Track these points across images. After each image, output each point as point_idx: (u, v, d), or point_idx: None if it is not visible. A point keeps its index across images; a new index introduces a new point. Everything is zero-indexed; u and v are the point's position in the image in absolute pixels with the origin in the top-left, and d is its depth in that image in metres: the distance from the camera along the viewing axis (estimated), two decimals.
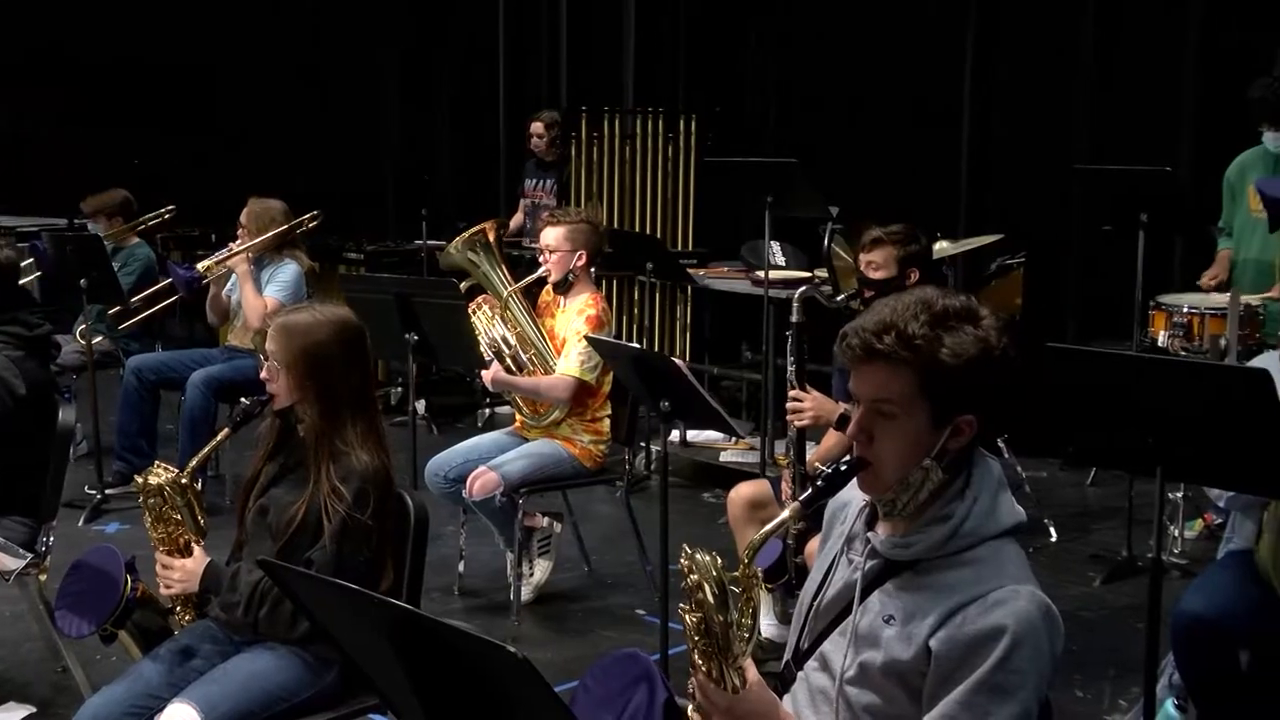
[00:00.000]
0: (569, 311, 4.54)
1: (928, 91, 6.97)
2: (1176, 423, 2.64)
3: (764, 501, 3.93)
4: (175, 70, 10.15)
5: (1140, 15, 6.28)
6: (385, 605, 1.61)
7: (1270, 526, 2.91)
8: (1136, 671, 2.95)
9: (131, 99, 10.15)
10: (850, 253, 4.84)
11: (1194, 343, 4.91)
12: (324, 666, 2.74)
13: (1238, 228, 5.11)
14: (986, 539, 1.95)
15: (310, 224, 5.65)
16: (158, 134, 9.86)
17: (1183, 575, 4.59)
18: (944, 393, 1.91)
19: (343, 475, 2.73)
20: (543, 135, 7.34)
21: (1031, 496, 5.37)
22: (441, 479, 4.45)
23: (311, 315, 2.82)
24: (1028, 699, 1.85)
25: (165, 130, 9.87)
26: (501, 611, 4.52)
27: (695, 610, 1.85)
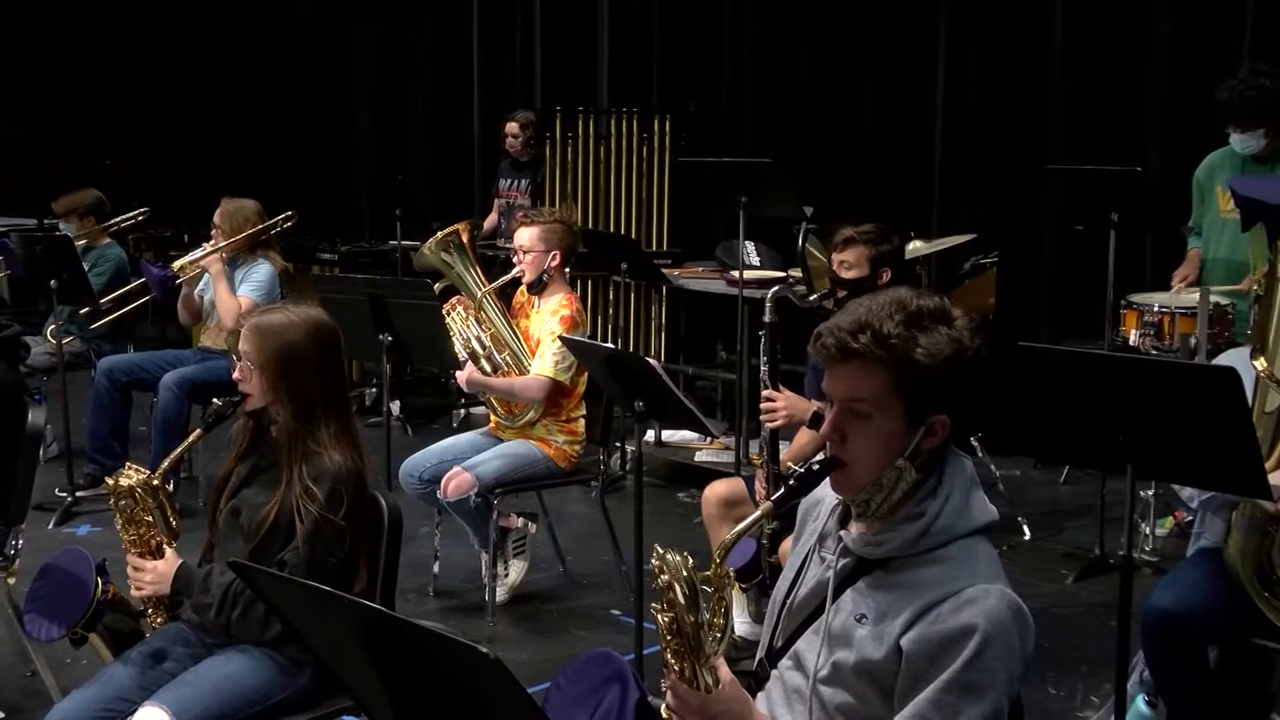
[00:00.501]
0: (543, 312, 4.54)
1: (901, 92, 6.99)
2: (1146, 421, 2.66)
3: (738, 500, 3.94)
4: (149, 70, 10.10)
5: (1110, 17, 6.33)
6: (357, 606, 1.61)
7: (1239, 524, 2.93)
8: (1109, 668, 2.97)
9: (104, 98, 10.09)
10: (824, 252, 4.86)
11: (1165, 342, 4.94)
12: (297, 668, 2.73)
13: (1207, 227, 5.14)
14: (958, 537, 1.96)
15: (284, 224, 5.63)
16: (130, 133, 9.81)
17: (1154, 572, 4.62)
18: (918, 393, 1.92)
19: (315, 476, 2.72)
20: (517, 135, 7.33)
21: (1005, 495, 5.40)
22: (416, 480, 4.44)
23: (285, 316, 2.81)
24: (998, 697, 1.86)
25: (138, 130, 9.82)
26: (476, 612, 4.51)
27: (667, 610, 1.85)
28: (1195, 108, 5.34)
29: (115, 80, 10.08)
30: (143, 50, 9.99)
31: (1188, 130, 5.74)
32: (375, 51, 9.52)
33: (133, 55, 10.03)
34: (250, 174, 7.59)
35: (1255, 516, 2.89)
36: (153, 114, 10.01)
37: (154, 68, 10.05)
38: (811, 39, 7.34)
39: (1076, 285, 6.19)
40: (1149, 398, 2.66)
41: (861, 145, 7.03)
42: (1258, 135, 4.80)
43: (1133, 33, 6.22)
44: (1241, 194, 3.03)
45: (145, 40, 9.95)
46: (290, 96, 9.58)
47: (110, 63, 10.06)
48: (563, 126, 7.04)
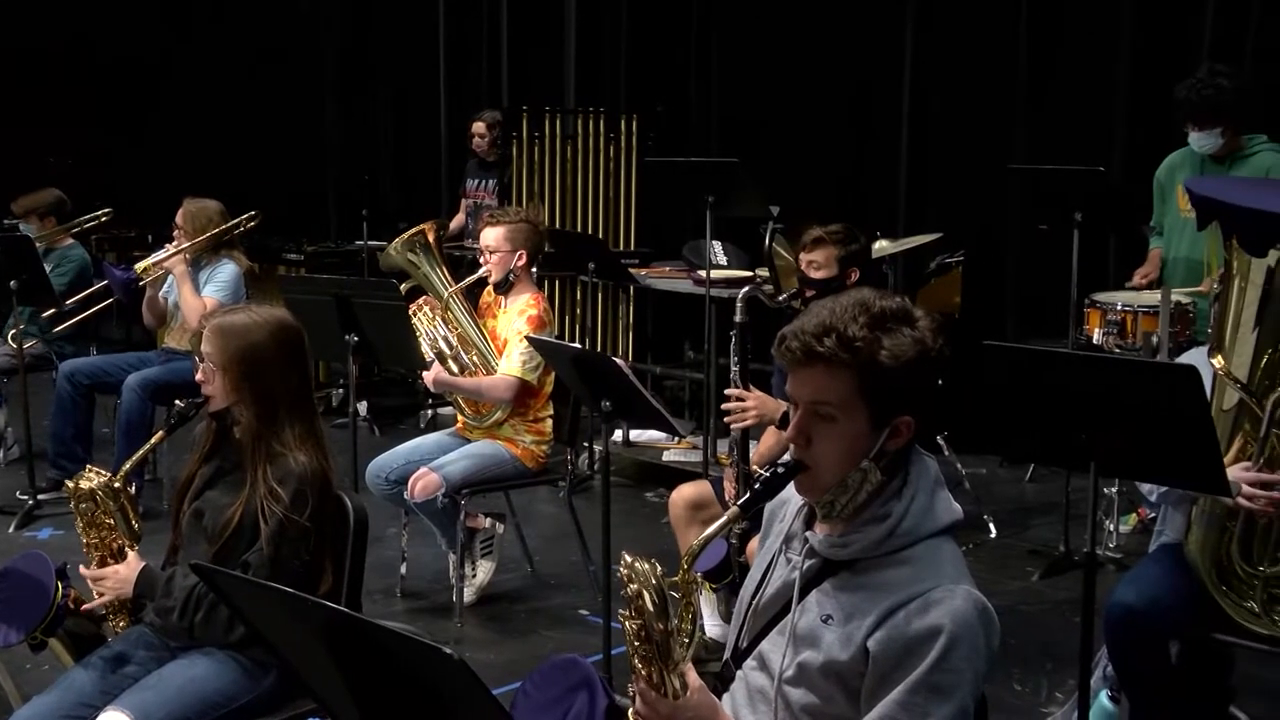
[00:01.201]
0: (510, 312, 4.53)
1: (867, 93, 7.02)
2: (1108, 418, 2.68)
3: (705, 503, 3.95)
4: (111, 67, 10.00)
5: (1073, 20, 6.38)
6: (320, 608, 1.60)
7: (1199, 520, 2.96)
8: (1073, 664, 2.99)
9: (65, 96, 9.98)
10: (791, 252, 4.87)
11: (1128, 340, 4.98)
12: (262, 671, 2.71)
13: (1168, 227, 5.19)
14: (924, 538, 1.96)
15: (248, 224, 5.59)
16: (93, 133, 9.71)
17: (1118, 569, 4.66)
18: (883, 394, 1.92)
19: (280, 477, 2.71)
20: (484, 135, 7.32)
21: (971, 493, 5.43)
22: (383, 480, 4.42)
23: (248, 316, 2.80)
24: (965, 697, 1.86)
25: (100, 129, 9.73)
26: (444, 613, 4.50)
27: (635, 617, 1.85)
28: (1157, 108, 5.39)
29: (77, 78, 9.98)
30: (105, 47, 9.89)
31: (1150, 131, 5.79)
32: (341, 50, 9.47)
33: (95, 53, 9.93)
34: (215, 174, 7.53)
35: (1215, 512, 2.93)
36: (116, 113, 9.91)
37: (116, 65, 9.95)
38: (778, 39, 7.35)
39: (1041, 284, 6.24)
40: (1110, 396, 2.68)
41: (828, 145, 7.06)
42: (1215, 134, 4.85)
43: (1096, 35, 6.28)
44: (1197, 194, 3.06)
45: (107, 37, 9.86)
46: (255, 95, 9.50)
47: (72, 60, 9.96)
48: (529, 126, 7.03)
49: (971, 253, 5.90)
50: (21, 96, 9.94)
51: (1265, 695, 3.57)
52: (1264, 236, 2.86)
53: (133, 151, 9.83)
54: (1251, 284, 2.88)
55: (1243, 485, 2.79)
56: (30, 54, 9.96)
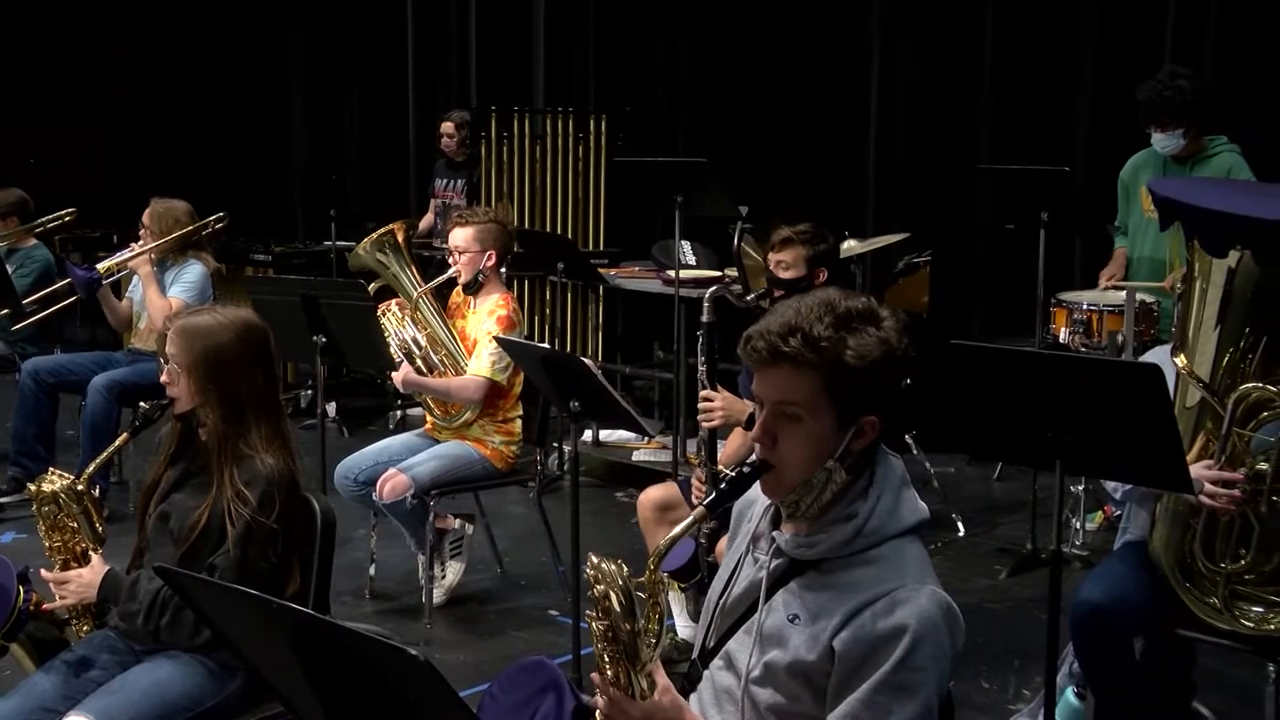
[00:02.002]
0: (479, 312, 4.53)
1: (835, 93, 7.05)
2: (1073, 417, 2.70)
3: (673, 504, 3.95)
4: (77, 65, 9.89)
5: (1038, 22, 6.43)
6: (285, 610, 1.59)
7: (1163, 517, 2.99)
8: (1040, 661, 3.01)
9: (29, 94, 9.87)
10: (760, 252, 4.88)
11: (1093, 339, 5.03)
12: (228, 674, 2.69)
13: (1132, 227, 5.24)
14: (889, 538, 1.97)
15: (216, 225, 5.55)
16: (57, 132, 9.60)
17: (1084, 566, 4.69)
18: (848, 394, 1.92)
19: (247, 479, 2.69)
20: (453, 135, 7.30)
21: (939, 492, 5.46)
22: (351, 482, 4.41)
23: (213, 317, 2.78)
24: (929, 696, 1.87)
25: (65, 128, 9.62)
26: (413, 614, 4.49)
27: (602, 618, 1.85)
28: (1121, 109, 5.44)
29: (41, 76, 9.87)
30: (71, 45, 9.78)
31: (1114, 131, 5.84)
32: (309, 49, 9.42)
33: (60, 50, 9.82)
34: (182, 174, 7.48)
35: (1178, 509, 2.95)
36: (81, 111, 9.81)
37: (82, 63, 9.84)
38: (746, 39, 7.38)
39: (1008, 283, 6.29)
40: (1075, 394, 2.71)
41: (796, 145, 7.08)
42: (1176, 135, 4.90)
43: (1060, 37, 6.33)
44: (1159, 194, 3.08)
45: (73, 34, 9.75)
46: (223, 95, 9.45)
47: (36, 57, 9.84)
48: (498, 126, 7.02)
49: (939, 252, 5.94)
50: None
51: (1227, 690, 3.61)
52: (1224, 237, 2.88)
53: (98, 151, 9.73)
54: (1213, 284, 2.91)
55: (1205, 483, 2.82)
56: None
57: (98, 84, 9.92)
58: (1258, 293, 2.87)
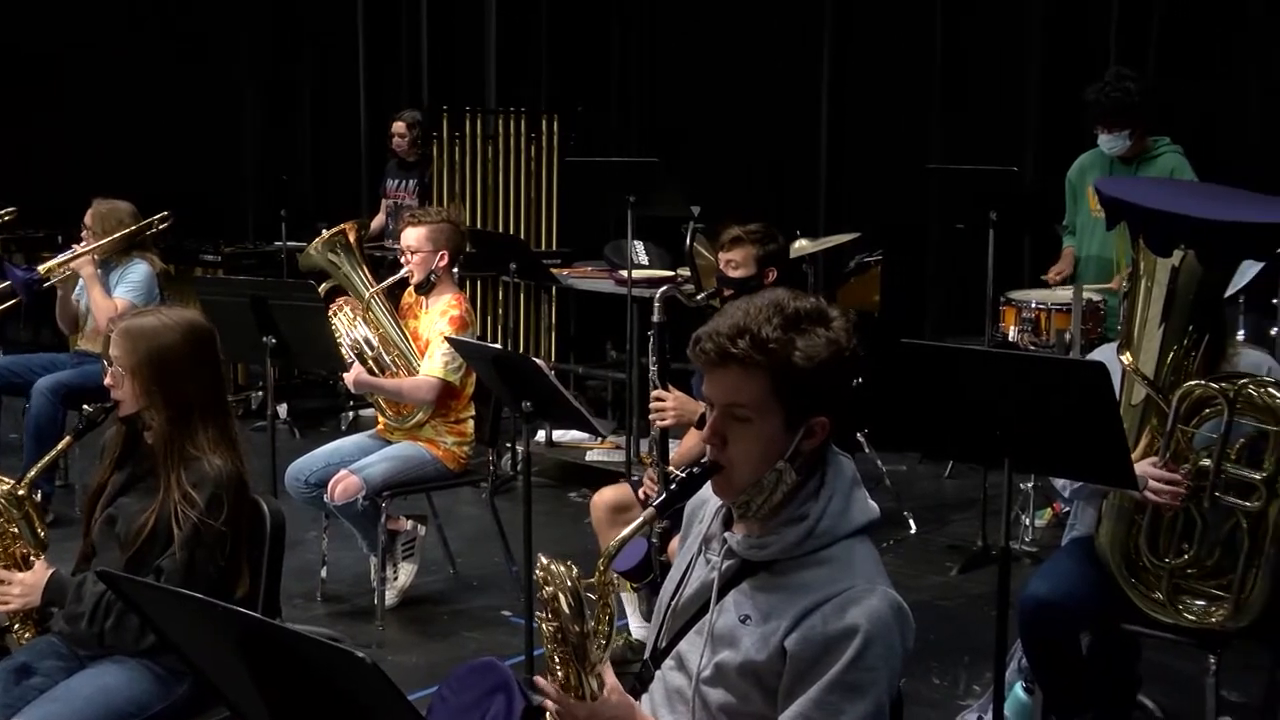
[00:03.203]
0: (432, 313, 4.51)
1: (787, 93, 7.08)
2: (1020, 415, 2.73)
3: (626, 505, 3.95)
4: (16, 59, 9.72)
5: (986, 23, 6.50)
6: (231, 613, 1.58)
7: (1109, 514, 3.02)
8: (991, 657, 3.03)
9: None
10: (712, 251, 4.89)
11: (1042, 337, 5.08)
12: (175, 678, 2.66)
13: (1079, 226, 5.30)
14: (840, 538, 1.97)
15: (160, 225, 5.49)
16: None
17: (1033, 562, 4.73)
18: (797, 395, 1.92)
19: (195, 481, 2.67)
20: (404, 135, 7.26)
21: (891, 490, 5.49)
22: (302, 483, 4.38)
23: (157, 318, 2.75)
24: (880, 695, 1.88)
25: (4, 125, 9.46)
26: (365, 616, 4.46)
27: (552, 619, 1.85)
28: (1068, 110, 5.50)
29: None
30: (9, 38, 9.61)
31: (1061, 132, 5.90)
32: (258, 47, 9.33)
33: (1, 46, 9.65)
34: (128, 173, 7.37)
35: (1123, 506, 2.99)
36: (21, 107, 9.63)
37: (22, 57, 9.67)
38: (698, 39, 7.40)
39: (958, 282, 6.34)
40: (1021, 392, 2.73)
41: (748, 145, 7.10)
42: (1123, 136, 4.97)
43: (1008, 39, 6.40)
44: (1105, 194, 3.12)
45: (13, 31, 9.58)
46: (170, 93, 9.31)
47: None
48: (450, 126, 7.00)
49: (890, 252, 5.98)
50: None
51: (1170, 682, 3.66)
52: (1168, 236, 2.92)
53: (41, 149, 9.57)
54: (1157, 283, 2.95)
55: (1149, 479, 2.86)
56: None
57: (39, 80, 9.75)
58: (1200, 292, 2.92)
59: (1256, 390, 2.83)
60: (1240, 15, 5.78)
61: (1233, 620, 2.90)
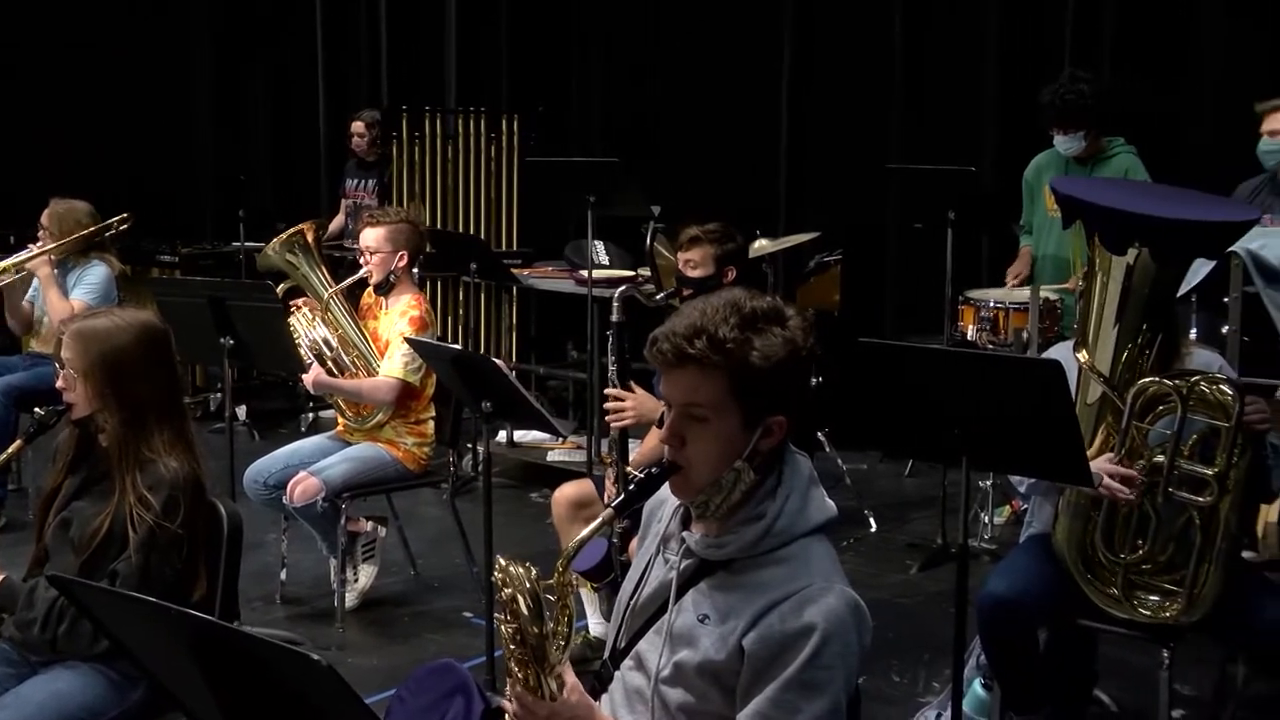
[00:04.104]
0: (392, 313, 4.49)
1: (747, 93, 7.10)
2: (978, 413, 2.75)
3: (588, 501, 3.95)
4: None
5: (945, 25, 6.54)
6: (183, 617, 1.56)
7: (1066, 510, 3.05)
8: (950, 654, 3.05)
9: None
10: (672, 251, 4.89)
11: (1000, 336, 5.12)
12: (129, 684, 2.64)
13: (1036, 225, 5.35)
14: (798, 537, 1.98)
15: (119, 226, 5.43)
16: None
17: (992, 560, 4.77)
18: (755, 395, 1.93)
19: (150, 483, 2.64)
20: (363, 135, 7.23)
21: (852, 489, 5.52)
22: (261, 485, 4.35)
23: (110, 320, 2.72)
24: (837, 693, 1.89)
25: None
26: (325, 619, 4.44)
27: (510, 621, 1.85)
28: (1024, 111, 5.55)
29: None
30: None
31: (1018, 132, 5.95)
32: (214, 45, 9.24)
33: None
34: (83, 172, 7.30)
35: (1080, 502, 3.02)
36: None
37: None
38: (658, 39, 7.40)
39: (917, 281, 6.37)
40: (978, 391, 2.75)
41: (708, 145, 7.12)
42: (1078, 137, 5.02)
43: (966, 40, 6.45)
44: (1061, 193, 3.16)
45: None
46: (125, 90, 9.21)
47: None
48: (410, 126, 6.97)
49: (850, 251, 6.01)
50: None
51: (1125, 677, 3.71)
52: (1123, 235, 2.95)
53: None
54: (1113, 280, 2.98)
55: (1104, 476, 2.89)
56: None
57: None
58: (1154, 290, 2.95)
59: (1208, 387, 2.87)
60: (1193, 16, 5.85)
61: (1185, 615, 2.93)
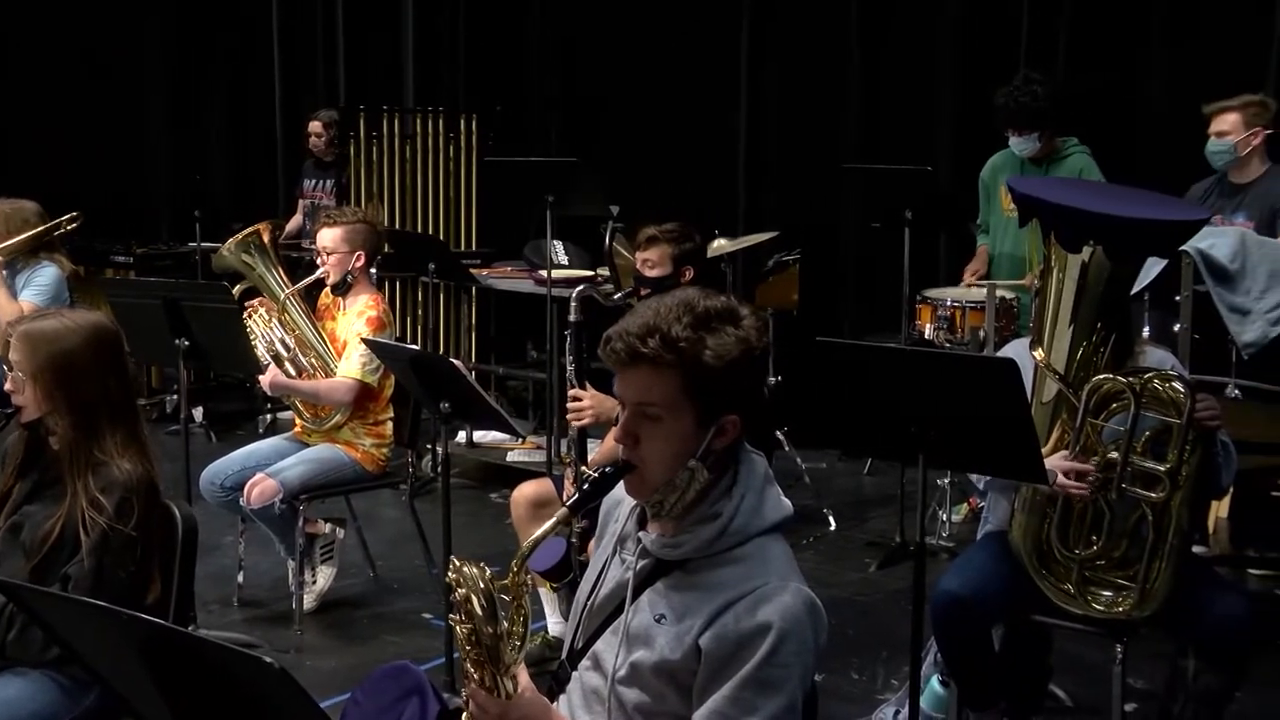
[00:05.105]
0: (349, 314, 4.47)
1: (706, 93, 7.11)
2: (935, 412, 2.76)
3: (547, 500, 3.94)
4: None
5: (902, 26, 6.58)
6: (134, 621, 1.55)
7: (1022, 507, 3.08)
8: (909, 652, 3.07)
9: None
10: (631, 251, 4.90)
11: (957, 335, 5.15)
12: (81, 689, 2.61)
13: (993, 225, 5.39)
14: (753, 536, 1.99)
15: (68, 226, 5.36)
16: None
17: (950, 557, 4.79)
18: (708, 394, 1.93)
19: (103, 486, 2.61)
20: (321, 135, 7.18)
21: (811, 487, 5.53)
22: (218, 487, 4.32)
23: (59, 321, 2.69)
24: (793, 691, 1.90)
25: None
26: (283, 621, 4.41)
27: (465, 621, 1.84)
28: (980, 111, 5.59)
29: None
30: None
31: (974, 132, 5.99)
32: (169, 43, 9.13)
33: None
34: (33, 171, 7.21)
35: (1035, 499, 3.05)
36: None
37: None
38: (617, 39, 7.40)
39: (876, 281, 6.41)
40: (935, 389, 2.77)
41: (667, 144, 7.12)
42: (1032, 138, 5.07)
43: (922, 41, 6.49)
44: (1019, 191, 3.19)
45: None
46: (77, 89, 9.09)
47: None
48: (367, 125, 6.93)
49: (808, 250, 6.03)
50: None
51: (1080, 671, 3.74)
52: (1078, 234, 2.98)
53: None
54: (1068, 279, 3.01)
55: (1060, 472, 2.91)
56: None
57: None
58: (1109, 288, 2.98)
59: (1161, 384, 2.90)
60: (1146, 17, 5.91)
61: (1138, 609, 2.96)
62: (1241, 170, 4.81)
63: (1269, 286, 4.47)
